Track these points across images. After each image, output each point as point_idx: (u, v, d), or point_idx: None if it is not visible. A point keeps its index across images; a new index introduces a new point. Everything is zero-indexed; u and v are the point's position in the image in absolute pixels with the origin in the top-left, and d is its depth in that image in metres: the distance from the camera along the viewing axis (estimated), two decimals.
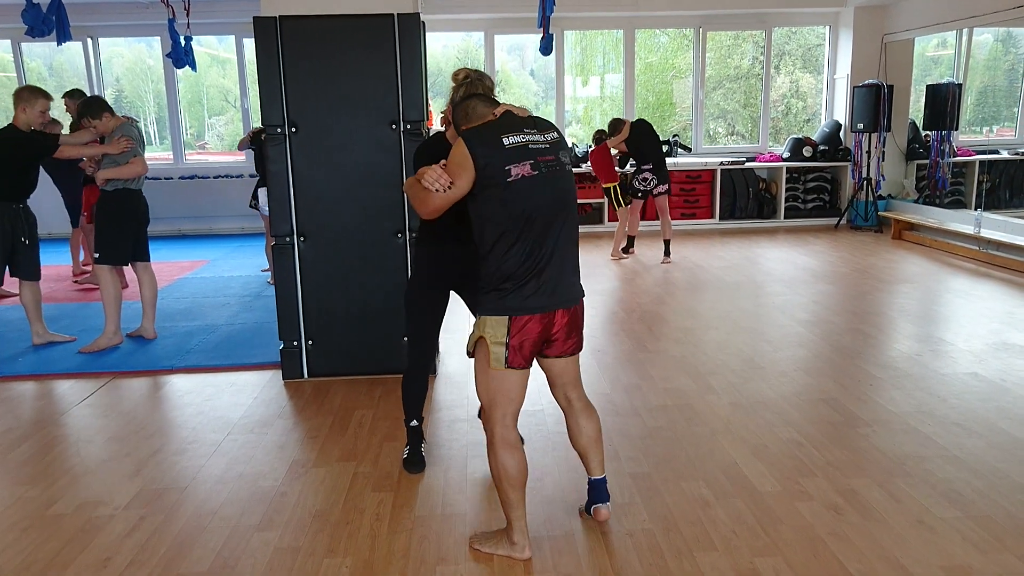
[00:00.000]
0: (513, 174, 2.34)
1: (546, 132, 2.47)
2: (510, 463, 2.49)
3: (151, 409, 4.04)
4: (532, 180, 2.36)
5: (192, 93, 10.67)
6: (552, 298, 2.43)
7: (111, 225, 4.87)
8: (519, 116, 2.49)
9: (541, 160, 2.38)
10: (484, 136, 2.38)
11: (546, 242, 2.39)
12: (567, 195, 2.46)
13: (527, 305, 2.40)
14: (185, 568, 2.56)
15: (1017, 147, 9.49)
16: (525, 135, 2.40)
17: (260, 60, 4.07)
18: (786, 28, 10.05)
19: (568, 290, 2.48)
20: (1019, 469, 3.08)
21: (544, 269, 2.40)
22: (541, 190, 2.37)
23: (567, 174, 2.48)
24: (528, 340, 2.44)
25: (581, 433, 2.68)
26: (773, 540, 2.63)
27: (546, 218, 2.39)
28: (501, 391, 2.48)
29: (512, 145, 2.36)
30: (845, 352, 4.62)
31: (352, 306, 4.29)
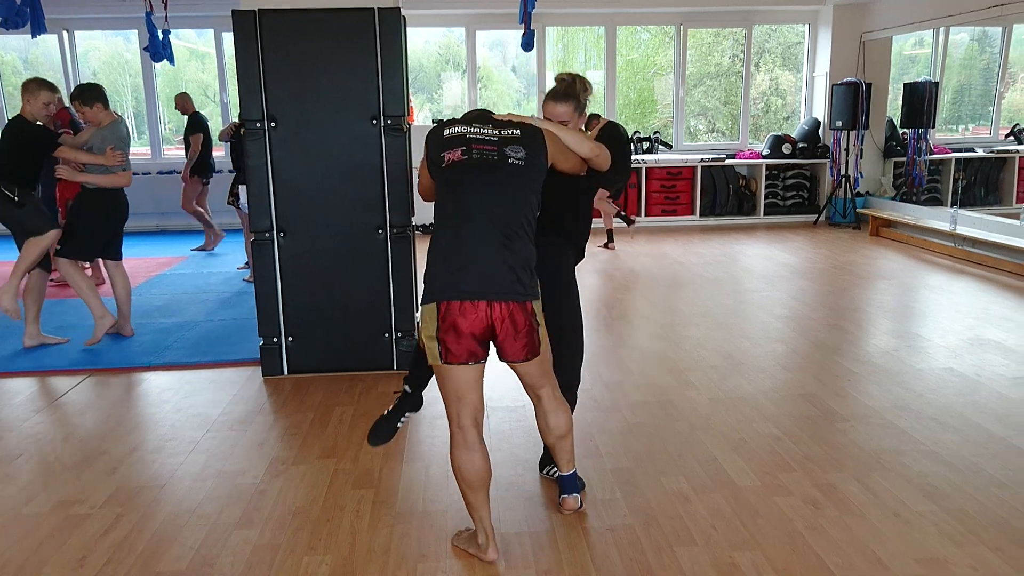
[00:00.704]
0: (446, 160, 2.45)
1: (504, 129, 2.48)
2: (464, 465, 2.45)
3: (128, 406, 4.00)
4: (461, 164, 2.42)
5: (171, 87, 10.55)
6: (477, 286, 2.32)
7: (85, 222, 4.79)
8: (485, 115, 2.56)
9: (476, 148, 2.43)
10: (435, 130, 2.54)
11: (475, 228, 2.37)
12: (505, 186, 2.41)
13: (450, 289, 2.33)
14: (163, 566, 2.54)
15: (992, 145, 9.62)
16: (471, 127, 2.47)
17: (239, 54, 4.03)
18: (766, 26, 10.11)
19: (500, 283, 2.34)
20: (993, 463, 3.12)
21: (471, 255, 2.34)
22: (471, 175, 2.42)
23: (509, 166, 2.42)
24: (460, 332, 2.33)
25: (548, 430, 2.67)
26: (752, 534, 2.65)
27: (476, 204, 2.40)
28: (446, 388, 2.45)
29: (450, 134, 2.48)
30: (823, 348, 4.66)
31: (332, 302, 4.27)
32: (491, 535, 2.52)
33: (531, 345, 2.45)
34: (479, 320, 2.34)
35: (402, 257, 4.26)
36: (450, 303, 2.33)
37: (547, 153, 2.51)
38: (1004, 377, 4.07)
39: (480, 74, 9.92)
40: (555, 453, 2.72)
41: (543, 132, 2.53)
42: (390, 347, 4.34)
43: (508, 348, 2.44)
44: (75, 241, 4.79)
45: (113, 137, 4.69)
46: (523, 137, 2.48)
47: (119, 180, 4.73)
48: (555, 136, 2.57)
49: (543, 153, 2.50)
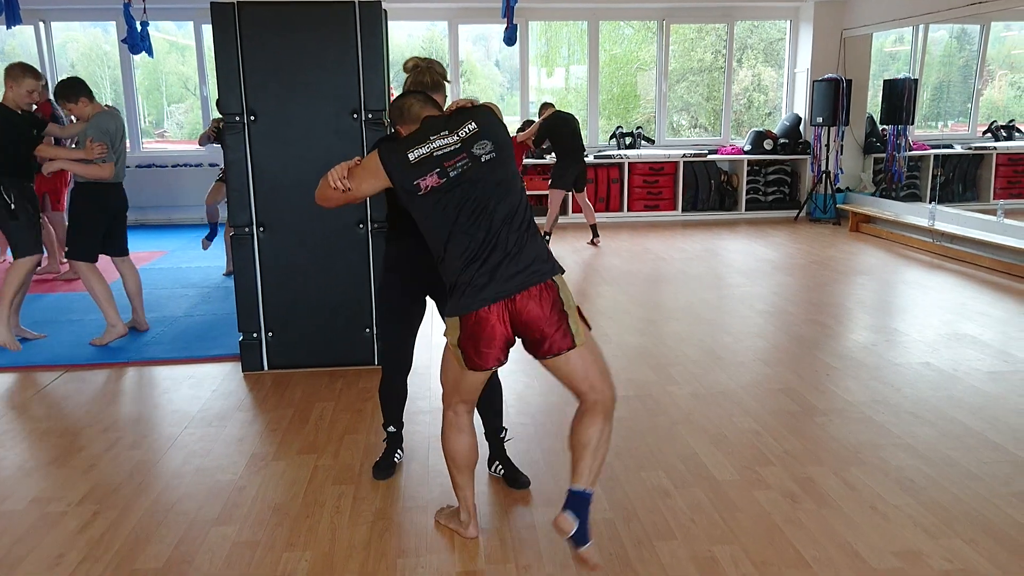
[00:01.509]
0: (422, 187, 2.32)
1: (459, 128, 2.35)
2: (457, 446, 2.53)
3: (106, 403, 3.96)
4: (441, 189, 2.32)
5: (150, 80, 10.45)
6: (492, 290, 2.28)
7: (81, 219, 4.68)
8: (434, 120, 2.41)
9: (448, 165, 2.31)
10: (394, 153, 2.37)
11: (475, 239, 2.30)
12: (485, 187, 2.33)
13: (469, 303, 2.30)
14: (140, 564, 2.52)
15: (970, 142, 9.71)
16: (430, 143, 2.33)
17: (218, 47, 4.00)
18: (748, 22, 10.15)
19: (513, 277, 2.29)
20: (968, 456, 3.16)
21: (482, 266, 2.30)
22: (454, 195, 2.31)
23: (482, 165, 2.33)
24: (485, 339, 2.31)
25: (577, 433, 2.39)
26: (731, 528, 2.67)
27: (468, 217, 2.31)
28: (457, 384, 2.49)
29: (417, 159, 2.32)
30: (803, 342, 4.70)
31: (313, 297, 4.25)
32: (473, 513, 2.60)
33: (561, 339, 2.31)
34: (497, 326, 2.30)
35: (383, 252, 4.23)
36: (467, 315, 2.32)
37: (504, 126, 2.45)
38: (980, 371, 4.12)
39: (463, 68, 9.89)
40: (574, 461, 2.40)
41: (489, 108, 2.45)
42: (371, 342, 4.33)
43: (541, 341, 2.32)
44: (76, 240, 4.68)
45: (95, 129, 4.55)
46: (481, 127, 2.36)
47: (97, 172, 4.55)
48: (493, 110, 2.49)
49: (503, 129, 2.43)
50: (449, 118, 2.41)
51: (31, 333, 4.93)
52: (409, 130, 2.45)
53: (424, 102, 2.50)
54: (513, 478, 3.01)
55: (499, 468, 3.06)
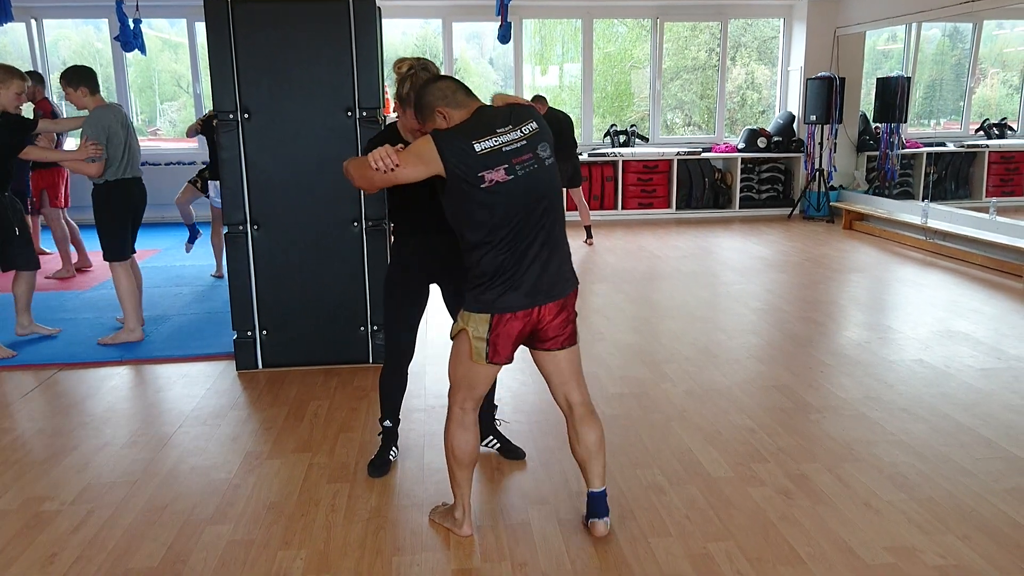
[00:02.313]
0: (487, 179, 2.27)
1: (522, 125, 2.36)
2: (461, 443, 2.54)
3: (99, 402, 3.94)
4: (507, 185, 2.29)
5: (143, 78, 10.41)
6: (534, 296, 2.37)
7: (109, 219, 4.63)
8: (494, 112, 2.38)
9: (516, 162, 2.30)
10: (455, 140, 2.29)
11: (527, 240, 2.34)
12: (548, 191, 2.38)
13: (508, 303, 2.36)
14: (135, 563, 2.51)
15: (962, 140, 9.75)
16: (498, 137, 2.30)
17: (211, 45, 3.98)
18: (742, 20, 10.16)
19: (553, 283, 2.41)
20: (961, 453, 3.17)
21: (528, 268, 2.35)
22: (518, 193, 2.31)
23: (546, 168, 2.38)
24: (510, 337, 2.40)
25: (580, 442, 2.56)
26: (725, 525, 2.67)
27: (526, 218, 2.33)
28: (469, 379, 2.50)
29: (485, 151, 2.28)
30: (797, 340, 4.71)
31: (307, 296, 4.24)
32: (468, 512, 2.61)
33: (574, 332, 2.52)
34: (534, 321, 2.41)
35: (377, 250, 4.24)
36: (502, 315, 2.37)
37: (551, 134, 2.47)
38: (972, 368, 4.14)
39: (457, 66, 9.88)
40: (586, 467, 2.58)
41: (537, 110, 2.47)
42: (366, 340, 4.32)
43: (552, 336, 2.47)
44: (109, 242, 4.65)
45: (91, 126, 4.45)
46: (541, 128, 2.40)
47: (85, 169, 4.44)
48: None
49: (550, 131, 2.46)
50: (510, 113, 2.37)
51: (46, 328, 4.91)
52: (452, 115, 2.37)
53: (467, 91, 2.44)
54: (508, 449, 3.16)
55: (493, 442, 3.19)
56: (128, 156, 4.61)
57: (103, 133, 4.47)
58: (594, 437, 2.55)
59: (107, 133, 4.48)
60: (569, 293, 2.47)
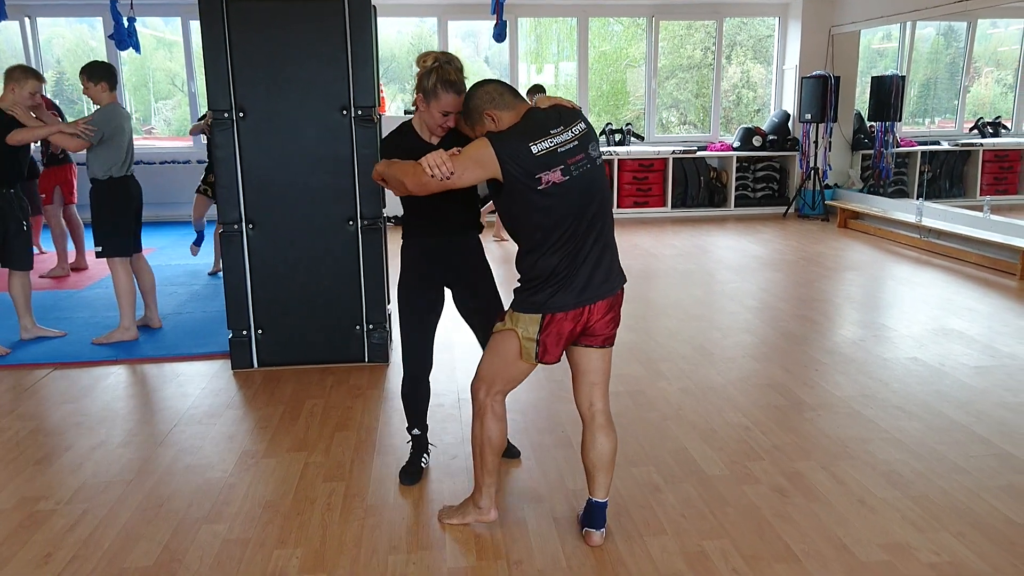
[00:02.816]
0: (544, 181, 2.28)
1: (572, 125, 2.35)
2: (495, 432, 2.56)
3: (94, 401, 3.94)
4: (563, 186, 2.30)
5: (137, 76, 10.38)
6: (586, 294, 2.38)
7: (107, 214, 4.64)
8: (544, 114, 2.37)
9: (571, 163, 2.31)
10: (512, 142, 2.29)
11: (582, 241, 2.35)
12: (600, 192, 2.41)
13: (560, 303, 2.36)
14: (130, 562, 2.51)
15: (957, 138, 9.78)
16: (552, 138, 2.30)
17: (206, 43, 3.97)
18: (737, 19, 10.17)
19: (604, 282, 2.41)
20: (955, 450, 3.19)
21: (580, 268, 2.36)
22: (574, 194, 2.32)
23: (598, 168, 2.39)
24: (561, 336, 2.41)
25: (594, 449, 2.53)
26: (720, 522, 2.68)
27: (579, 219, 2.34)
28: (511, 375, 2.52)
29: (541, 152, 2.28)
30: (792, 338, 4.72)
31: (302, 294, 4.23)
32: (494, 497, 2.65)
33: (611, 335, 2.51)
34: (581, 322, 2.41)
35: (373, 249, 4.24)
36: (553, 315, 2.38)
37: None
38: (967, 366, 4.16)
39: None
40: (593, 476, 2.55)
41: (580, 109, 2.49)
42: (361, 339, 4.32)
43: (598, 333, 2.46)
44: (109, 238, 4.65)
45: (104, 116, 4.53)
46: (588, 128, 2.39)
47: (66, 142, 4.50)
48: None
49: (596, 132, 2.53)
50: (559, 114, 2.37)
51: (51, 331, 4.89)
52: (501, 117, 2.39)
53: (515, 93, 2.46)
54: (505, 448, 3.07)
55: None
56: (130, 154, 4.69)
57: (111, 127, 4.54)
58: (609, 448, 2.53)
59: (117, 129, 4.57)
60: (618, 291, 2.48)
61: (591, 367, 2.53)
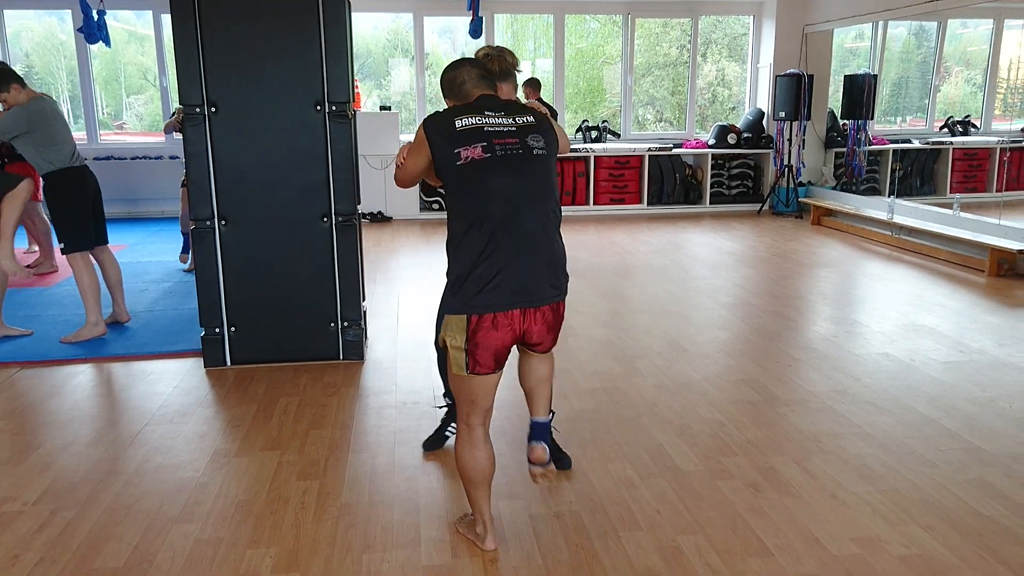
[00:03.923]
0: (462, 157, 2.20)
1: (518, 115, 2.30)
2: (469, 461, 2.41)
3: (63, 400, 3.87)
4: (482, 163, 2.20)
5: (108, 70, 10.22)
6: (514, 296, 2.23)
7: (63, 209, 4.56)
8: (493, 99, 2.35)
9: (497, 143, 2.22)
10: (440, 120, 2.28)
11: (507, 232, 2.21)
12: (533, 182, 2.27)
13: (483, 302, 2.21)
14: (99, 563, 2.47)
15: (927, 137, 9.91)
16: (485, 117, 2.25)
17: (177, 37, 3.92)
18: (712, 17, 10.23)
19: (537, 287, 2.27)
20: (925, 444, 3.23)
21: (504, 263, 2.21)
22: (495, 174, 2.21)
23: (534, 157, 2.27)
24: (490, 346, 2.25)
25: (531, 372, 2.48)
26: (695, 518, 2.69)
27: (505, 206, 2.21)
28: (465, 393, 2.37)
29: (464, 128, 2.23)
30: (766, 334, 4.76)
31: (276, 291, 4.20)
32: (489, 526, 2.50)
33: (554, 340, 2.44)
34: (511, 331, 2.27)
35: (348, 245, 4.21)
36: (482, 316, 2.23)
37: (556, 136, 2.40)
38: (936, 361, 4.22)
39: (428, 61, 9.84)
40: (532, 395, 2.50)
41: (547, 116, 2.42)
42: (336, 336, 4.29)
43: (533, 341, 2.37)
44: (66, 233, 4.57)
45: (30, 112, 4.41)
46: (538, 123, 2.33)
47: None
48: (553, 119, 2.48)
49: (554, 137, 2.37)
50: (509, 103, 2.34)
51: (17, 330, 4.80)
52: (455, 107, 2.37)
53: (479, 79, 2.40)
54: (555, 458, 2.88)
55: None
56: (69, 145, 4.60)
57: (29, 123, 4.43)
58: (545, 368, 2.48)
59: (39, 122, 4.45)
60: (556, 302, 2.34)
61: (532, 364, 2.48)
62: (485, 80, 2.41)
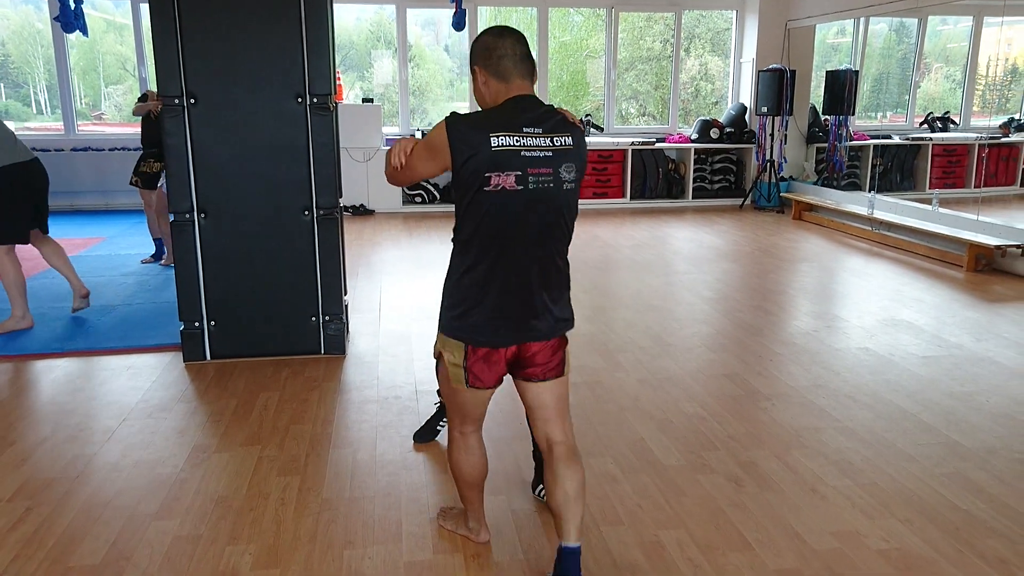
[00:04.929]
0: (492, 184, 1.98)
1: (556, 135, 2.04)
2: (463, 466, 2.37)
3: (38, 395, 3.82)
4: (512, 195, 1.99)
5: (86, 60, 10.08)
6: (512, 334, 2.12)
7: (3, 204, 4.50)
8: (530, 104, 2.06)
9: (532, 172, 1.99)
10: (472, 129, 1.99)
11: (518, 267, 2.06)
12: (557, 217, 2.08)
13: (480, 337, 2.11)
14: (75, 561, 2.44)
15: (908, 132, 10.00)
16: (523, 136, 1.99)
17: (155, 27, 3.86)
18: (696, 11, 10.24)
19: (538, 324, 2.12)
20: (904, 438, 3.26)
21: (508, 298, 2.08)
22: (522, 208, 2.01)
23: (564, 193, 2.06)
24: (488, 370, 2.17)
25: (558, 486, 2.18)
26: (676, 512, 2.70)
27: (523, 240, 2.05)
28: (458, 404, 2.28)
29: (500, 148, 1.97)
30: (747, 329, 4.78)
31: (257, 285, 4.16)
32: (483, 520, 2.51)
33: (556, 366, 2.21)
34: (511, 354, 2.16)
35: (329, 239, 4.17)
36: (476, 348, 2.14)
37: (586, 163, 2.16)
38: (915, 356, 4.25)
39: (412, 53, 9.78)
40: (561, 517, 2.18)
41: (583, 131, 2.16)
42: (317, 331, 4.26)
43: (536, 361, 2.18)
44: (2, 224, 4.50)
45: None
46: (575, 147, 2.07)
47: None
48: None
49: (585, 164, 2.14)
50: (547, 113, 2.07)
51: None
52: (490, 84, 2.09)
53: (521, 60, 2.08)
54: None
55: (543, 492, 2.68)
56: (13, 139, 4.53)
57: None
58: (574, 482, 2.19)
59: None
60: (560, 335, 2.20)
61: (539, 402, 2.23)
62: (525, 64, 2.09)
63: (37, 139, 9.12)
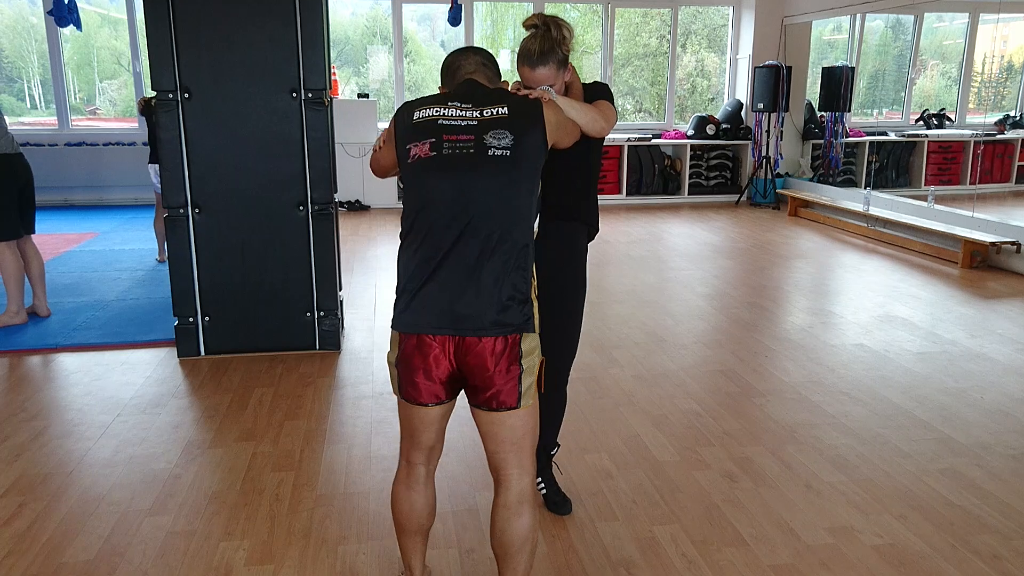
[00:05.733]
0: (411, 154, 1.90)
1: (489, 107, 1.92)
2: (401, 504, 2.07)
3: (33, 390, 3.81)
4: (427, 162, 1.87)
5: (81, 55, 10.03)
6: (438, 317, 1.85)
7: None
8: (474, 87, 1.99)
9: (448, 138, 1.87)
10: (405, 109, 1.97)
11: (441, 243, 1.85)
12: (484, 189, 1.86)
13: (414, 320, 1.88)
14: (69, 556, 2.43)
15: (903, 129, 10.00)
16: (446, 108, 1.91)
17: (149, 21, 3.84)
18: (692, 7, 10.22)
19: (469, 315, 1.83)
20: (898, 434, 3.26)
21: (433, 278, 1.85)
22: (437, 176, 1.86)
23: (492, 159, 1.86)
24: (421, 370, 1.89)
25: (497, 534, 1.96)
26: (671, 508, 2.70)
27: (444, 212, 1.86)
28: (401, 420, 2.03)
29: (419, 120, 1.91)
30: (743, 325, 4.79)
31: (252, 281, 4.14)
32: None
33: (507, 393, 1.89)
34: (441, 358, 1.88)
35: (324, 234, 4.16)
36: (406, 335, 1.90)
37: (545, 132, 1.94)
38: (910, 352, 4.26)
39: (408, 48, 9.75)
40: (500, 568, 2.00)
41: (541, 105, 1.97)
42: (312, 326, 4.25)
43: (477, 389, 1.91)
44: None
45: None
46: (511, 116, 1.91)
47: None
48: (557, 107, 2.05)
49: (539, 133, 1.93)
50: (492, 92, 1.99)
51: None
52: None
53: (480, 66, 2.05)
54: (554, 501, 2.68)
55: (542, 487, 2.70)
56: (3, 130, 4.50)
57: None
58: (514, 532, 1.93)
59: None
60: (500, 335, 1.85)
61: (489, 433, 1.95)
62: (488, 68, 2.06)
63: (31, 134, 9.08)
